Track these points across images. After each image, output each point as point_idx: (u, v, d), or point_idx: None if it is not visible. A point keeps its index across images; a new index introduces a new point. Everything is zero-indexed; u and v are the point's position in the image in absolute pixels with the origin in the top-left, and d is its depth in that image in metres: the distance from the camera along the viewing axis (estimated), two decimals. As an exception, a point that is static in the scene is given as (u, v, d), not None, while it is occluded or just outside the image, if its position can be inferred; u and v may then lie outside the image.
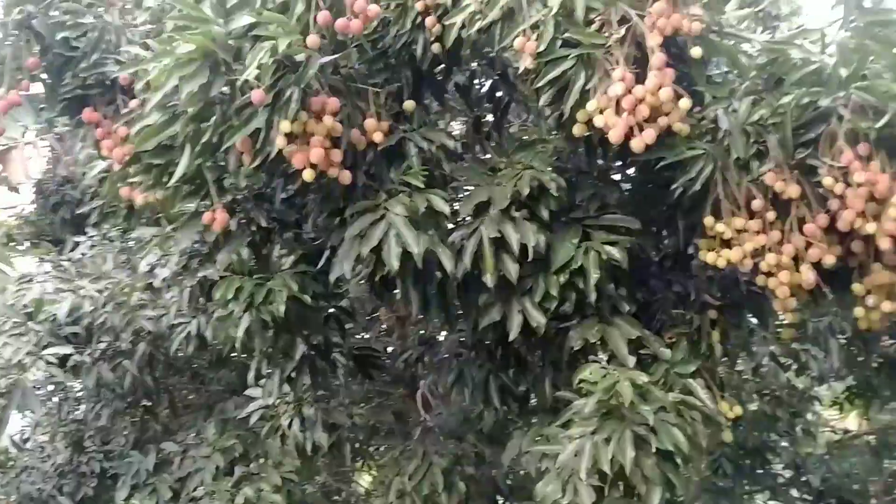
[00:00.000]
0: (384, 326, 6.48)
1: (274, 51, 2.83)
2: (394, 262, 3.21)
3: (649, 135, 3.04)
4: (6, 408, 4.62)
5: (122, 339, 5.47)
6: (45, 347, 5.03)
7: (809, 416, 8.26)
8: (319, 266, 3.61)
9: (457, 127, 5.19)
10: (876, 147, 3.23)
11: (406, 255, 3.26)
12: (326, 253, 3.52)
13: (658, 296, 4.14)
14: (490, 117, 4.76)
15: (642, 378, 3.35)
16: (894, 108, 3.14)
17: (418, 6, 3.55)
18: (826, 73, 3.36)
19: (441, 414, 5.70)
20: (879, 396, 8.18)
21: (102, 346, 5.46)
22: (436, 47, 3.59)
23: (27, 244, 9.78)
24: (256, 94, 2.84)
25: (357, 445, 5.37)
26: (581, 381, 3.44)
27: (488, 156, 4.46)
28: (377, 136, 3.30)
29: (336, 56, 3.07)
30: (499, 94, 4.57)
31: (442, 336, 5.84)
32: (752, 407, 7.35)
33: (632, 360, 3.59)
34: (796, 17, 7.83)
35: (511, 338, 3.64)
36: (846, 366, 7.01)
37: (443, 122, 4.74)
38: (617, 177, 4.28)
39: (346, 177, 3.17)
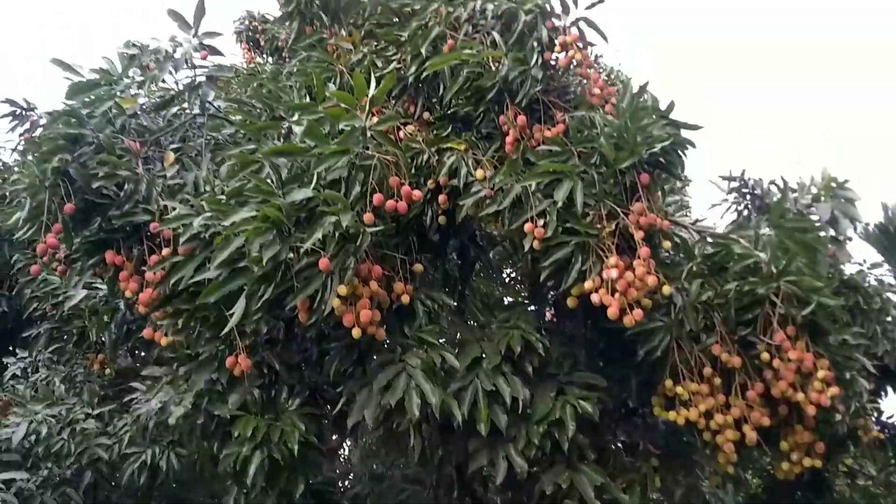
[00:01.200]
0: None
1: (338, 225, 3.27)
2: (415, 412, 3.60)
3: (638, 314, 3.65)
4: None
5: (63, 465, 5.42)
6: (-7, 473, 4.94)
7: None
8: (334, 410, 3.91)
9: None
10: (802, 330, 4.00)
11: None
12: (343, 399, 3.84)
13: (610, 444, 4.70)
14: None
15: (618, 523, 3.83)
16: (816, 300, 3.93)
17: (430, 184, 4.11)
18: (760, 265, 4.15)
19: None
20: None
21: (45, 472, 5.37)
22: (442, 219, 4.15)
23: None
24: (324, 263, 3.25)
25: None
26: (565, 524, 3.87)
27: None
28: (404, 298, 3.75)
29: (380, 228, 3.53)
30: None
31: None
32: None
33: (598, 505, 4.08)
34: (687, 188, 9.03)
35: (498, 482, 4.03)
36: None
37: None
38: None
39: (381, 334, 3.58)
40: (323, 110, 3.67)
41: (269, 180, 3.47)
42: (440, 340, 4.01)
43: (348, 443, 7.81)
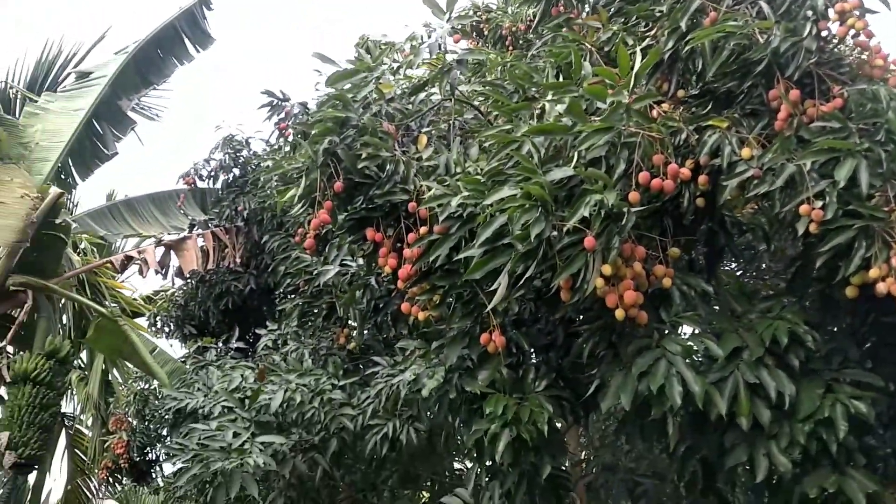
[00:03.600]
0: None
1: (602, 204, 3.20)
2: (677, 399, 3.46)
3: (935, 306, 3.28)
4: (230, 488, 4.89)
5: (313, 432, 5.78)
6: (254, 435, 5.36)
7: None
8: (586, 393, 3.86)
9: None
10: None
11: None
12: (596, 382, 3.78)
13: (878, 450, 4.28)
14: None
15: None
16: None
17: (689, 164, 3.92)
18: None
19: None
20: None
21: (296, 437, 5.76)
22: (700, 202, 3.94)
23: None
24: (589, 241, 3.20)
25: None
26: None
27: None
28: (665, 282, 3.61)
29: (642, 209, 3.43)
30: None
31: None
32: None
33: (870, 513, 3.72)
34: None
35: (759, 479, 3.79)
36: None
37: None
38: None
39: (643, 317, 3.47)
40: (583, 88, 3.60)
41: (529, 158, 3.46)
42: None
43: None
